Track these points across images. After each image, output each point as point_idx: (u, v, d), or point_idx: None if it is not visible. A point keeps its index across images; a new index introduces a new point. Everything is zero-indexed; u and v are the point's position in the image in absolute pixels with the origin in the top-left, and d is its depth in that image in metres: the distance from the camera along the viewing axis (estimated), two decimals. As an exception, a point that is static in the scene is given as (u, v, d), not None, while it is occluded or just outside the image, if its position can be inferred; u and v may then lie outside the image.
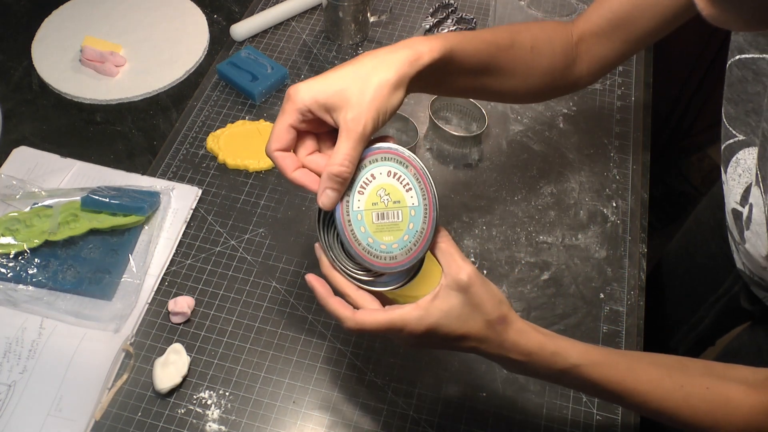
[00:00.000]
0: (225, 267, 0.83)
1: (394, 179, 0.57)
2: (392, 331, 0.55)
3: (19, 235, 0.81)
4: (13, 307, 0.78)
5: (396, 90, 0.56)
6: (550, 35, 0.70)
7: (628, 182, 0.93)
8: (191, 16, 1.12)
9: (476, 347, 0.57)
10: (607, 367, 0.58)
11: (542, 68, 0.69)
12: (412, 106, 1.01)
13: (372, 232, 0.56)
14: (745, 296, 0.90)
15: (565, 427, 0.72)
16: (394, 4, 1.15)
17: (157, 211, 0.86)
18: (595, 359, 0.57)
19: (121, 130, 0.98)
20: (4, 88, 1.02)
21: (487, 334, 0.56)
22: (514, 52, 0.66)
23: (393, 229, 0.57)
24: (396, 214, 0.57)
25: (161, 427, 0.71)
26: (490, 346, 0.56)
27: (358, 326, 0.55)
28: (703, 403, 0.57)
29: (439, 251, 0.57)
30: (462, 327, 0.55)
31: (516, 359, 0.57)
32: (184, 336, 0.78)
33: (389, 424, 0.72)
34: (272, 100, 1.01)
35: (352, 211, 0.56)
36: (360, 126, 0.54)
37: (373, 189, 0.57)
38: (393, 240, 0.57)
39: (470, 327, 0.55)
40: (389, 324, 0.55)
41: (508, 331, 0.56)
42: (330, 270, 0.58)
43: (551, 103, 1.02)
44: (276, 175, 0.93)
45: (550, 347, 0.57)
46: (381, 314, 0.55)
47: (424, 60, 0.56)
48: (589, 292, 0.83)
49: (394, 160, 0.58)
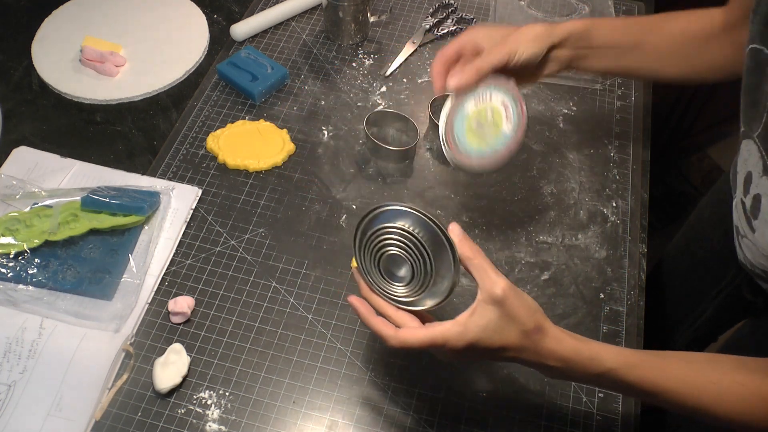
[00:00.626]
0: (225, 267, 0.83)
1: (503, 107, 0.73)
2: (434, 347, 0.58)
3: (19, 235, 0.81)
4: (13, 307, 0.78)
5: (535, 42, 0.72)
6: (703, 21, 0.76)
7: (628, 182, 0.93)
8: (191, 16, 1.12)
9: (515, 357, 0.59)
10: (641, 369, 0.59)
11: (686, 54, 0.77)
12: (412, 106, 1.01)
13: (465, 131, 0.73)
14: (747, 288, 0.90)
15: (565, 427, 0.72)
16: (394, 4, 1.15)
17: (157, 211, 0.86)
18: (629, 362, 0.59)
19: (121, 130, 0.98)
20: (4, 88, 1.02)
21: (524, 344, 0.58)
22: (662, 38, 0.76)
23: (481, 139, 0.73)
24: (489, 132, 0.73)
25: (161, 427, 0.71)
26: (528, 354, 0.58)
27: (401, 343, 0.58)
28: (737, 398, 0.58)
29: (472, 267, 0.59)
30: (500, 339, 0.57)
31: (553, 366, 0.59)
32: (184, 336, 0.78)
33: (389, 424, 0.72)
34: (272, 100, 1.01)
35: (463, 107, 0.72)
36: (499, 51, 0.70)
37: (486, 105, 0.73)
38: (476, 147, 0.73)
39: (508, 338, 0.57)
40: (431, 341, 0.57)
41: (544, 340, 0.58)
42: (369, 293, 0.62)
43: (551, 103, 1.02)
44: (276, 175, 0.93)
45: (586, 353, 0.59)
46: (422, 331, 0.58)
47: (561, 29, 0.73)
48: (589, 292, 0.83)
49: (512, 96, 0.73)
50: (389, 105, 1.01)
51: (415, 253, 0.59)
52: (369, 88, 1.03)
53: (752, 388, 0.58)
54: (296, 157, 0.95)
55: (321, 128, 0.98)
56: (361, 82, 1.04)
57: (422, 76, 1.05)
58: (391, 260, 0.61)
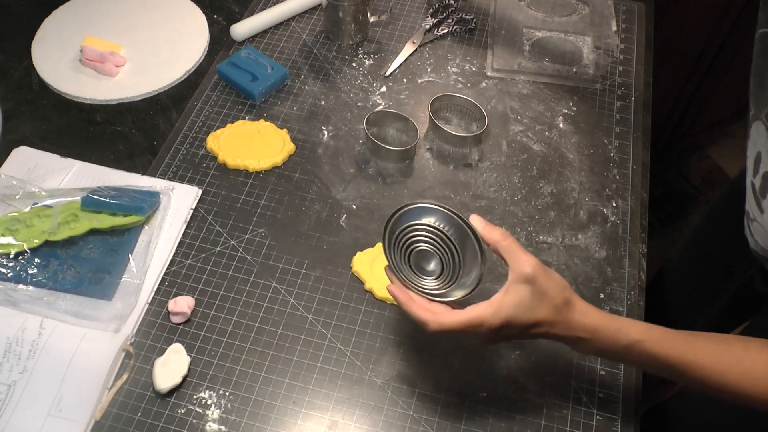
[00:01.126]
0: (225, 267, 0.83)
1: None
2: (472, 327, 0.61)
3: (19, 235, 0.81)
4: (13, 307, 0.78)
5: None
6: None
7: (628, 182, 0.93)
8: (191, 16, 1.12)
9: (547, 332, 0.62)
10: (668, 343, 0.61)
11: None
12: (413, 106, 1.01)
13: None
14: (760, 279, 0.90)
15: (565, 427, 0.72)
16: (394, 4, 1.15)
17: (157, 211, 0.86)
18: (655, 336, 0.62)
19: (121, 130, 0.98)
20: (4, 88, 1.02)
21: (555, 318, 0.61)
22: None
23: None
24: None
25: (161, 427, 0.71)
26: (560, 328, 0.62)
27: (440, 327, 0.61)
28: (764, 377, 0.59)
29: (501, 249, 0.62)
30: (533, 315, 0.60)
31: (583, 337, 0.62)
32: (184, 336, 0.78)
33: (389, 424, 0.72)
34: (272, 100, 1.01)
35: None
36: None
37: None
38: None
39: (540, 314, 0.61)
40: (468, 322, 0.60)
41: (573, 312, 0.62)
42: (402, 288, 0.65)
43: (551, 102, 1.02)
44: (276, 175, 0.93)
45: (614, 324, 0.62)
46: (459, 314, 0.61)
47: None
48: (589, 292, 0.83)
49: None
50: (389, 105, 1.01)
51: (443, 247, 0.63)
52: (369, 88, 1.03)
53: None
54: (296, 157, 0.95)
55: (321, 128, 0.98)
56: (361, 82, 1.04)
57: (422, 76, 1.05)
58: (421, 256, 0.65)
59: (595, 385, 0.75)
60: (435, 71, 1.06)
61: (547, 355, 0.77)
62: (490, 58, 1.07)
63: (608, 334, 0.62)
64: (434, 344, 0.78)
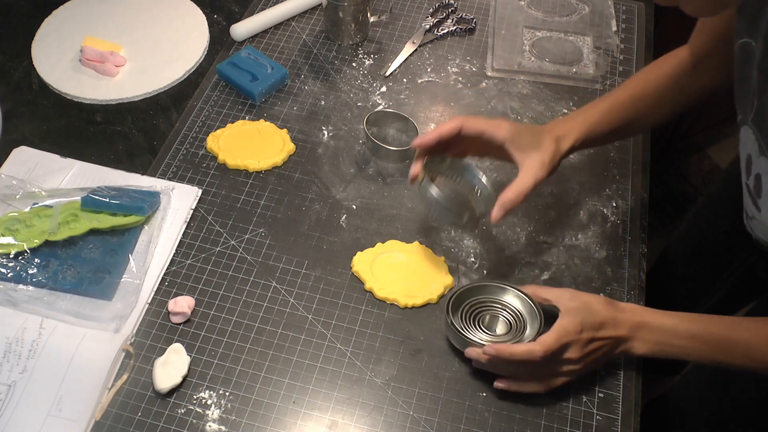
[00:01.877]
0: (225, 267, 0.83)
1: None
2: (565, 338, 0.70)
3: (19, 235, 0.81)
4: (13, 307, 0.78)
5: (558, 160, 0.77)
6: (673, 64, 0.81)
7: (628, 182, 0.93)
8: (191, 16, 1.12)
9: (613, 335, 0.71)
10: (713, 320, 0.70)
11: (672, 96, 0.82)
12: (412, 106, 1.01)
13: None
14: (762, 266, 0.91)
15: (565, 427, 0.72)
16: (394, 4, 1.15)
17: (157, 211, 0.86)
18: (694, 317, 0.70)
19: (121, 130, 0.98)
20: (4, 88, 1.02)
21: (613, 314, 0.71)
22: (645, 100, 0.81)
23: None
24: None
25: (161, 427, 0.71)
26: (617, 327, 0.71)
27: (545, 346, 0.69)
28: None
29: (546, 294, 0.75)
30: (596, 316, 0.70)
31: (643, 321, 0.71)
32: (184, 336, 0.78)
33: (389, 424, 0.72)
34: (272, 100, 1.01)
35: None
36: (542, 171, 0.75)
37: None
38: None
39: (601, 313, 0.71)
40: (558, 334, 0.69)
41: (617, 305, 0.72)
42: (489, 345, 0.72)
43: (551, 103, 1.02)
44: (276, 175, 0.93)
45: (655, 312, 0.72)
46: (549, 334, 0.70)
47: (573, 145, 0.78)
48: (589, 292, 0.82)
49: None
50: (389, 105, 1.01)
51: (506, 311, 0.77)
52: (369, 88, 1.03)
53: None
54: (296, 157, 0.95)
55: (321, 128, 0.98)
56: (361, 82, 1.04)
57: (422, 76, 1.05)
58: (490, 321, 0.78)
59: (595, 385, 0.75)
60: (435, 71, 1.06)
61: (547, 355, 0.77)
62: (490, 58, 1.07)
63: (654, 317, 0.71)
64: (434, 345, 0.78)
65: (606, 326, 0.71)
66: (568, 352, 0.70)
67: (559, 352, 0.70)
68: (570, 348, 0.70)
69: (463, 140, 0.79)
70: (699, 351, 0.71)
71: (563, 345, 0.70)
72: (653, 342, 0.71)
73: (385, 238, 0.86)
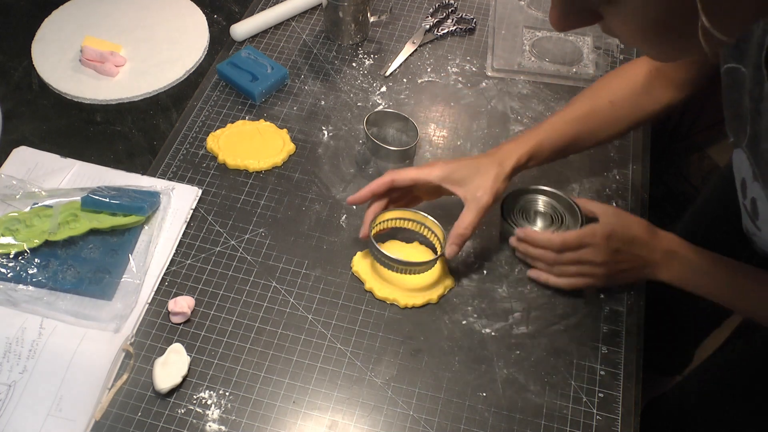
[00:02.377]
0: (225, 267, 0.83)
1: None
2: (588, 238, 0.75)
3: (19, 235, 0.81)
4: (13, 307, 0.78)
5: (504, 181, 0.77)
6: (628, 80, 0.83)
7: (628, 182, 0.93)
8: (191, 16, 1.12)
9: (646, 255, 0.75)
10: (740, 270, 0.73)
11: (626, 113, 0.83)
12: (412, 106, 1.01)
13: None
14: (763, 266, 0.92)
15: (565, 427, 0.72)
16: (394, 4, 1.15)
17: (157, 211, 0.86)
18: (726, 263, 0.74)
19: (121, 130, 0.98)
20: (4, 88, 1.02)
21: (649, 237, 0.75)
22: (595, 117, 0.82)
23: None
24: None
25: (161, 427, 0.71)
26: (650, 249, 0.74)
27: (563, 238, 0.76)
28: None
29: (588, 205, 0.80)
30: (630, 231, 0.75)
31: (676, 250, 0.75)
32: (184, 336, 0.78)
33: (389, 424, 0.72)
34: (272, 100, 1.01)
35: None
36: (485, 197, 0.76)
37: None
38: None
39: (635, 230, 0.75)
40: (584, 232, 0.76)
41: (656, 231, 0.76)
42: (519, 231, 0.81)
43: (551, 103, 1.02)
44: (276, 175, 0.93)
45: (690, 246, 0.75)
46: (576, 231, 0.77)
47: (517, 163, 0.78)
48: (589, 293, 0.83)
49: None
50: (389, 105, 1.01)
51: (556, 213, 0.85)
52: (369, 88, 1.03)
53: None
54: (296, 157, 0.95)
55: (321, 128, 0.98)
56: (361, 82, 1.04)
57: (422, 76, 1.05)
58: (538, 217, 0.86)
59: (595, 385, 0.75)
60: (435, 71, 1.06)
61: (547, 355, 0.77)
62: (490, 58, 1.07)
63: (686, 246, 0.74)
64: (434, 345, 0.78)
65: (638, 244, 0.74)
66: (590, 253, 0.75)
67: (580, 250, 0.75)
68: (592, 249, 0.75)
69: (410, 190, 0.82)
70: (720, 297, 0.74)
71: (584, 244, 0.75)
72: (679, 274, 0.74)
73: (385, 239, 0.86)
